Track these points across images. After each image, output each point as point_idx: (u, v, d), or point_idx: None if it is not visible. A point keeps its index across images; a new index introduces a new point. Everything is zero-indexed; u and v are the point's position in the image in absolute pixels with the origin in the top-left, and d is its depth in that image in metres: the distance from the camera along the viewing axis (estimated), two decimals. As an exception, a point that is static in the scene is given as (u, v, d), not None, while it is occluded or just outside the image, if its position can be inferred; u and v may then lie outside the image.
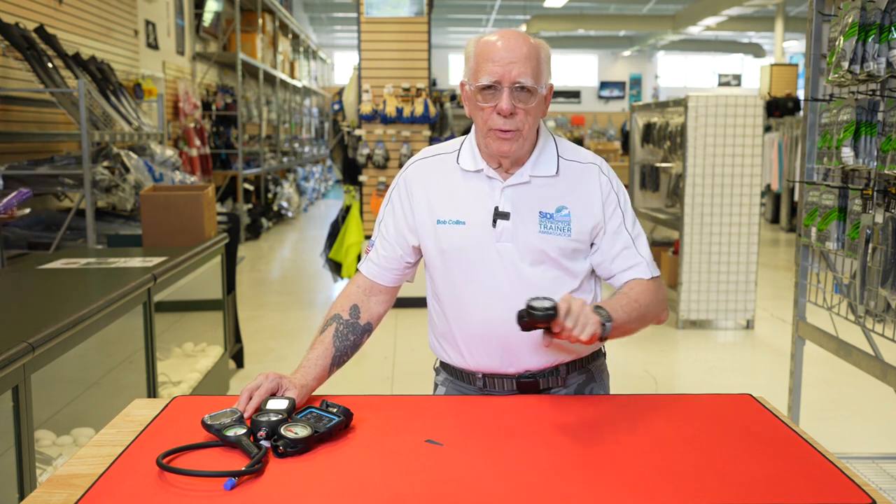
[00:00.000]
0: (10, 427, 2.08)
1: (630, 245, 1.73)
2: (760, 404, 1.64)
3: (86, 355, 3.10)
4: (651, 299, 1.69)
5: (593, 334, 1.45)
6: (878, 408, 4.13)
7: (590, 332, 1.44)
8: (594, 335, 1.45)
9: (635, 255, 1.73)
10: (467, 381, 1.79)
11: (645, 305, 1.66)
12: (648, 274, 1.73)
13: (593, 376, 1.83)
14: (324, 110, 17.41)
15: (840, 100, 2.79)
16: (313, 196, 15.09)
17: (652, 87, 25.43)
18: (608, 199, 1.72)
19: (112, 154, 4.70)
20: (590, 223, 1.70)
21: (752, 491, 1.26)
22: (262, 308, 6.43)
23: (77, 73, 4.95)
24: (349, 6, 17.32)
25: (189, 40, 8.94)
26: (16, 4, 4.88)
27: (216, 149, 9.53)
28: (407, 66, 6.18)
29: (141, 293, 3.01)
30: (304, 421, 1.44)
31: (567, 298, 1.46)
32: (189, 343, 4.18)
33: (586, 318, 1.45)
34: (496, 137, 1.63)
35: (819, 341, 3.02)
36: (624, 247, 1.72)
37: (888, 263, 2.48)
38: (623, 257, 1.72)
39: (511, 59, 1.58)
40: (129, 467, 1.34)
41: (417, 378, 4.35)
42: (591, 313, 1.47)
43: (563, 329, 1.43)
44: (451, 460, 1.37)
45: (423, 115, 6.13)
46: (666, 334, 5.67)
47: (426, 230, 1.74)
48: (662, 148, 6.42)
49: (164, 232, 3.80)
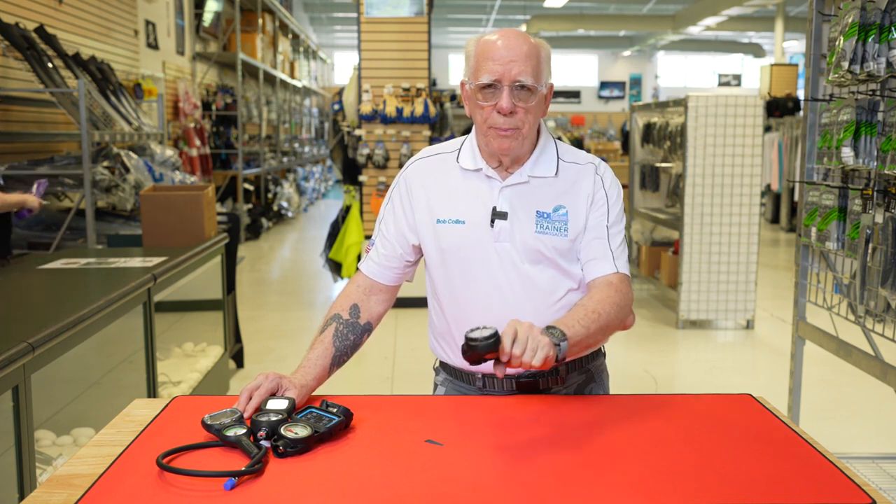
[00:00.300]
0: (10, 427, 2.08)
1: (602, 237, 1.69)
2: (760, 404, 1.64)
3: (86, 355, 3.11)
4: (612, 307, 1.62)
5: (546, 358, 1.38)
6: (878, 408, 4.13)
7: (541, 356, 1.38)
8: (547, 359, 1.39)
9: (605, 247, 1.69)
10: (467, 381, 1.80)
11: (606, 314, 1.60)
12: (613, 269, 1.68)
13: (593, 376, 1.83)
14: (324, 110, 17.41)
15: (840, 100, 2.79)
16: (313, 196, 15.09)
17: (652, 87, 25.43)
18: (597, 194, 1.71)
19: (112, 154, 4.70)
20: (582, 221, 1.70)
21: (752, 491, 1.26)
22: (262, 308, 6.43)
23: (77, 73, 4.95)
24: (349, 6, 17.32)
25: (189, 40, 8.95)
26: (16, 4, 4.88)
27: (216, 149, 9.53)
28: (407, 66, 6.18)
29: (141, 293, 3.01)
30: (304, 421, 1.44)
31: (512, 324, 1.38)
32: (189, 343, 4.18)
33: (535, 342, 1.38)
34: (496, 135, 1.63)
35: (819, 341, 3.02)
36: (596, 237, 1.69)
37: (888, 263, 2.48)
38: (592, 247, 1.69)
39: (511, 57, 1.59)
40: (129, 467, 1.34)
41: (417, 378, 4.35)
42: (541, 335, 1.40)
43: (511, 357, 1.36)
44: (451, 460, 1.37)
45: (423, 115, 6.13)
46: (666, 334, 5.67)
47: (426, 229, 1.74)
48: (662, 148, 6.42)
49: (164, 232, 3.80)
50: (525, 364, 1.37)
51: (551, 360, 1.40)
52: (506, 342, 1.36)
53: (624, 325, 1.69)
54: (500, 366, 1.38)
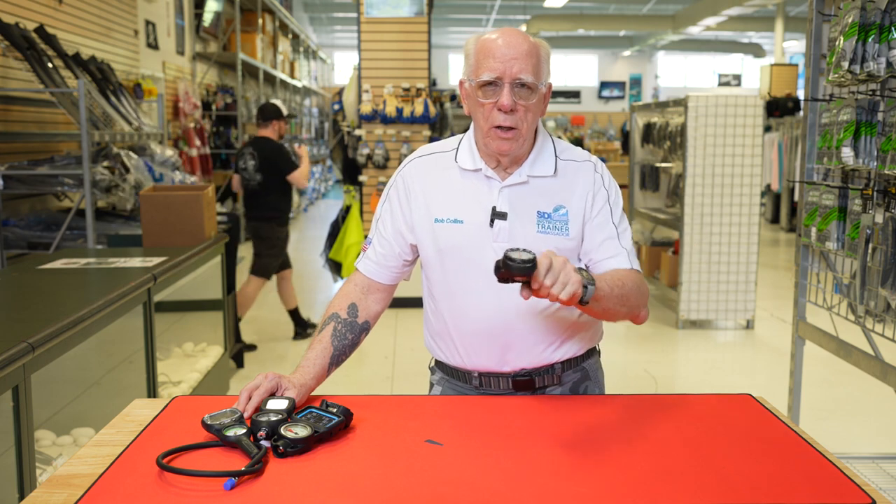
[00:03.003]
0: (10, 427, 2.08)
1: (614, 237, 1.71)
2: (760, 404, 1.64)
3: (86, 355, 3.11)
4: (634, 285, 1.65)
5: (573, 294, 1.39)
6: (878, 408, 4.13)
7: (570, 291, 1.38)
8: (574, 295, 1.40)
9: (618, 246, 1.71)
10: (463, 380, 1.79)
11: (629, 288, 1.62)
12: (629, 265, 1.70)
13: (588, 374, 1.83)
14: (324, 110, 17.41)
15: (840, 100, 2.79)
16: (313, 196, 15.09)
17: (652, 87, 25.43)
18: (598, 193, 1.71)
19: (112, 154, 4.70)
20: (581, 220, 1.70)
21: (752, 491, 1.26)
22: (262, 308, 6.43)
23: (77, 73, 4.94)
24: (349, 6, 17.32)
25: (189, 40, 8.94)
26: (16, 4, 4.88)
27: (216, 149, 9.53)
28: (407, 66, 6.18)
29: (141, 293, 3.01)
30: (303, 421, 1.44)
31: (548, 254, 1.40)
32: (189, 343, 4.18)
33: (567, 276, 1.39)
34: (496, 136, 1.63)
35: (819, 341, 3.02)
36: (607, 237, 1.71)
37: (888, 263, 2.48)
38: (606, 247, 1.70)
39: (512, 55, 1.59)
40: (129, 467, 1.34)
41: (417, 378, 4.35)
42: (574, 272, 1.41)
43: (541, 286, 1.38)
44: (451, 460, 1.37)
45: (423, 115, 6.13)
46: (666, 334, 5.67)
47: (423, 228, 1.74)
48: (662, 148, 6.42)
49: (164, 232, 3.80)
50: (553, 295, 1.39)
51: (577, 297, 1.41)
52: (541, 270, 1.37)
53: (638, 315, 1.69)
54: (526, 289, 1.40)
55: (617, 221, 1.72)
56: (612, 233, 1.71)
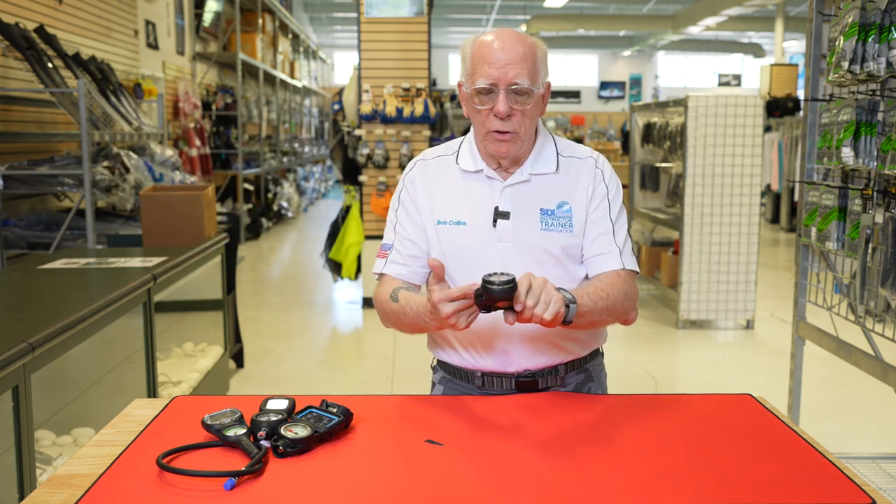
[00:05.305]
0: (10, 427, 2.08)
1: (608, 233, 1.70)
2: (760, 404, 1.64)
3: (86, 355, 3.10)
4: (619, 293, 1.64)
5: (557, 313, 1.40)
6: (878, 408, 4.13)
7: (553, 310, 1.39)
8: (558, 315, 1.41)
9: (610, 242, 1.70)
10: (466, 380, 1.79)
11: (613, 297, 1.62)
12: (619, 264, 1.69)
13: (591, 376, 1.83)
14: (324, 110, 17.41)
15: (840, 100, 2.78)
16: (313, 196, 15.09)
17: (652, 87, 25.43)
18: (598, 188, 1.71)
19: (112, 154, 4.70)
20: (584, 215, 1.70)
21: (752, 491, 1.26)
22: (262, 308, 6.43)
23: (77, 73, 4.95)
24: (349, 6, 17.32)
25: (189, 40, 8.94)
26: (16, 4, 4.88)
27: (216, 149, 9.53)
28: (407, 66, 6.18)
29: (141, 293, 3.01)
30: (303, 421, 1.44)
31: (528, 275, 1.41)
32: (189, 343, 4.18)
33: (549, 296, 1.40)
34: (494, 139, 1.63)
35: (819, 341, 3.02)
36: (601, 232, 1.70)
37: (888, 263, 2.48)
38: (598, 243, 1.70)
39: (507, 60, 1.58)
40: (129, 467, 1.34)
41: (417, 378, 4.35)
42: (555, 291, 1.42)
43: (525, 307, 1.38)
44: (451, 460, 1.37)
45: (423, 115, 6.13)
46: (666, 334, 5.67)
47: (428, 230, 1.74)
48: (662, 148, 6.42)
49: (164, 232, 3.80)
50: (536, 317, 1.39)
51: (560, 317, 1.42)
52: (521, 290, 1.37)
53: (627, 318, 1.70)
54: (511, 314, 1.40)
55: (614, 218, 1.72)
56: (608, 228, 1.71)
